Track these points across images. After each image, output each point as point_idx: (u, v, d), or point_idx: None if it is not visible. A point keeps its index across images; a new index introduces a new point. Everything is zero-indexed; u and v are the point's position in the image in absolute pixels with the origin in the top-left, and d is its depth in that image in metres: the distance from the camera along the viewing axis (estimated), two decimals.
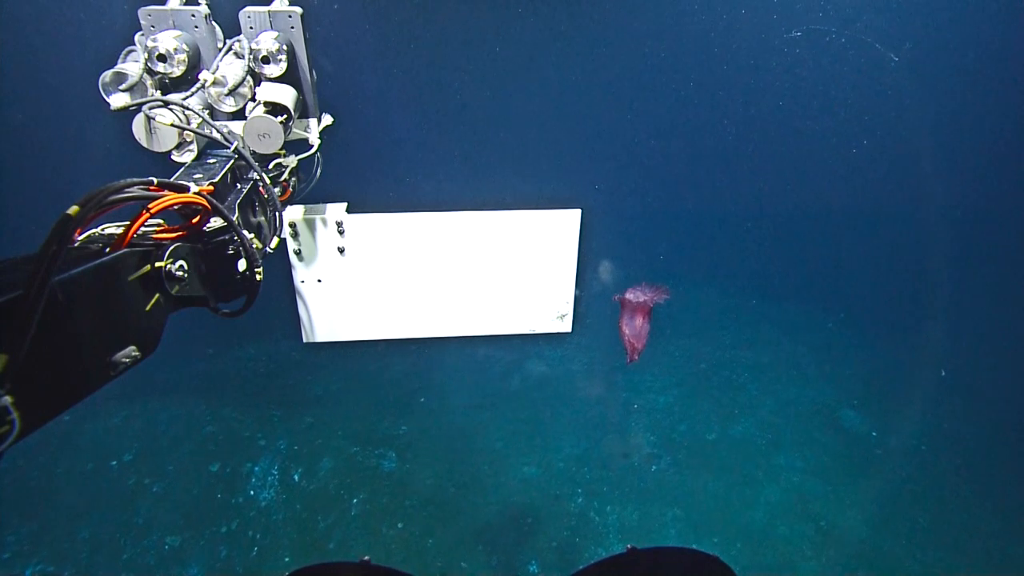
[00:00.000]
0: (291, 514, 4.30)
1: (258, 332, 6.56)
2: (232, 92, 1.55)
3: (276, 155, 1.68)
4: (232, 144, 1.45)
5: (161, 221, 1.18)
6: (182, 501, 4.37)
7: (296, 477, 4.62)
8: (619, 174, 8.95)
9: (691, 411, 5.57)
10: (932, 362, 6.49)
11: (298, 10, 1.59)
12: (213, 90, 1.53)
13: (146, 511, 4.28)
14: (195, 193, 1.16)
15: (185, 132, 1.50)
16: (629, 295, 2.44)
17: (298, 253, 1.78)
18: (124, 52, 1.50)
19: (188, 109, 1.45)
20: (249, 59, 1.56)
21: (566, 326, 2.01)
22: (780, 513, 4.46)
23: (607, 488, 4.61)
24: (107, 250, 1.02)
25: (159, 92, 1.51)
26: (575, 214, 1.84)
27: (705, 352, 6.54)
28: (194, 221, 1.22)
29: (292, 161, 1.71)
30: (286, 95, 1.59)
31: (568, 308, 1.98)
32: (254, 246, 1.34)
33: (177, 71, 1.50)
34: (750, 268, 8.34)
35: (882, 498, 4.66)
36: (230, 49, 1.56)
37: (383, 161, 8.14)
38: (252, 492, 4.48)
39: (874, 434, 5.38)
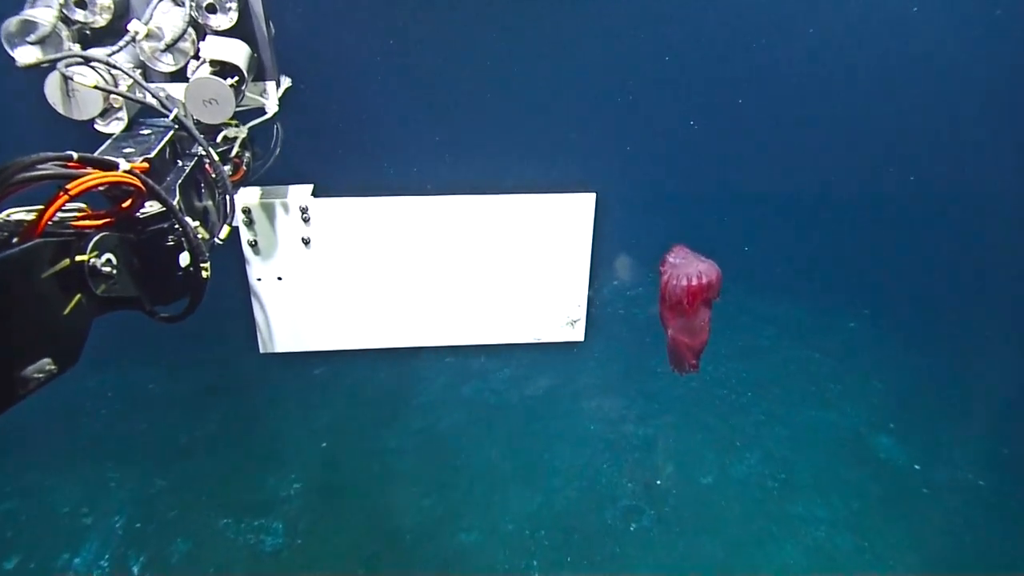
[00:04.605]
0: None
1: (99, 359, 5.84)
2: (170, 47, 1.53)
3: (226, 125, 1.67)
4: (171, 111, 1.45)
5: (83, 205, 1.17)
6: None
7: (136, 569, 4.07)
8: (637, 153, 8.86)
9: (680, 446, 5.21)
10: (987, 370, 6.21)
11: None
12: (146, 44, 1.51)
13: None
14: (126, 171, 1.15)
15: (112, 96, 1.48)
16: (672, 259, 1.97)
17: (253, 245, 1.79)
18: None
19: (115, 68, 1.42)
20: (191, 7, 1.54)
21: (578, 334, 2.03)
22: None
23: (571, 558, 4.27)
24: (15, 240, 1.01)
25: (78, 46, 1.49)
26: (588, 199, 1.86)
27: None
28: (125, 205, 1.21)
29: (245, 133, 1.72)
30: (237, 52, 1.57)
31: (580, 312, 2.00)
32: (199, 236, 1.35)
33: (101, 20, 1.49)
34: (749, 257, 7.90)
35: (933, 553, 4.34)
36: None
37: (357, 134, 7.98)
38: None
39: (918, 467, 5.10)
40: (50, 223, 1.03)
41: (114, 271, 1.13)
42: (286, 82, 1.77)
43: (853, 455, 5.25)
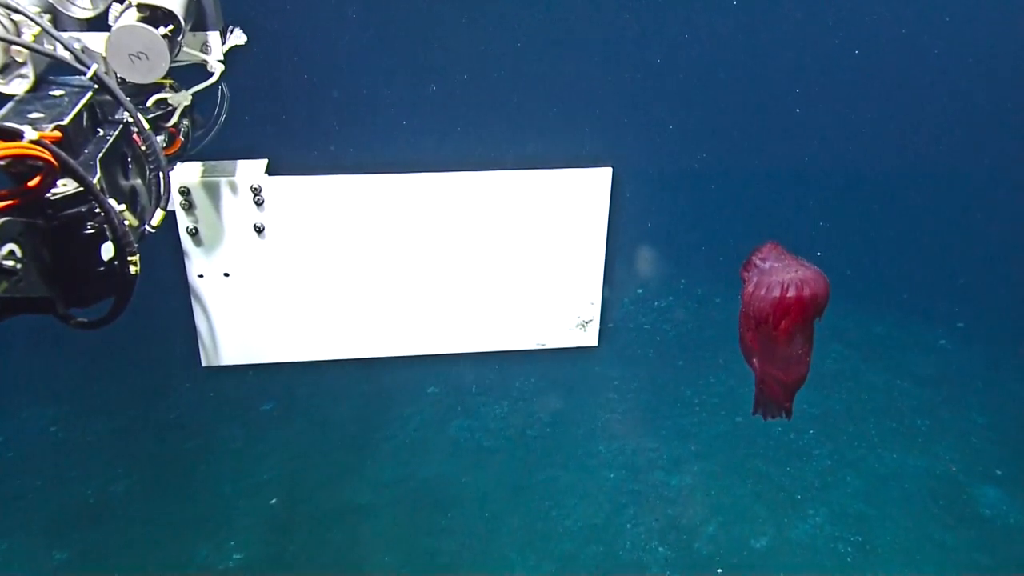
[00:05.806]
0: None
1: None
2: None
3: (158, 86, 1.66)
4: (89, 68, 1.43)
5: None
6: None
7: None
8: (671, 120, 8.79)
9: (724, 500, 5.19)
10: None
11: None
12: None
13: None
14: (32, 141, 1.16)
15: (13, 48, 1.46)
16: (760, 261, 1.88)
17: (194, 234, 1.79)
18: None
19: (17, 11, 1.40)
20: None
21: (590, 338, 2.05)
22: None
23: None
24: None
25: None
26: (604, 174, 1.88)
27: (741, 394, 6.11)
28: (32, 184, 1.20)
29: (183, 97, 1.71)
30: None
31: (594, 311, 2.03)
32: (126, 223, 1.35)
33: None
34: (813, 256, 8.12)
35: None
36: None
37: (321, 99, 8.01)
38: None
39: None
40: None
41: (18, 265, 1.13)
42: (238, 35, 1.75)
43: (950, 511, 5.16)
